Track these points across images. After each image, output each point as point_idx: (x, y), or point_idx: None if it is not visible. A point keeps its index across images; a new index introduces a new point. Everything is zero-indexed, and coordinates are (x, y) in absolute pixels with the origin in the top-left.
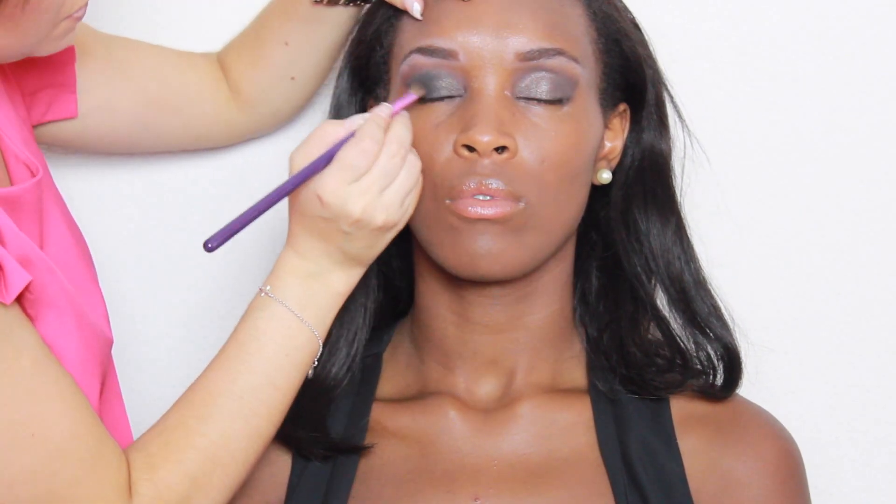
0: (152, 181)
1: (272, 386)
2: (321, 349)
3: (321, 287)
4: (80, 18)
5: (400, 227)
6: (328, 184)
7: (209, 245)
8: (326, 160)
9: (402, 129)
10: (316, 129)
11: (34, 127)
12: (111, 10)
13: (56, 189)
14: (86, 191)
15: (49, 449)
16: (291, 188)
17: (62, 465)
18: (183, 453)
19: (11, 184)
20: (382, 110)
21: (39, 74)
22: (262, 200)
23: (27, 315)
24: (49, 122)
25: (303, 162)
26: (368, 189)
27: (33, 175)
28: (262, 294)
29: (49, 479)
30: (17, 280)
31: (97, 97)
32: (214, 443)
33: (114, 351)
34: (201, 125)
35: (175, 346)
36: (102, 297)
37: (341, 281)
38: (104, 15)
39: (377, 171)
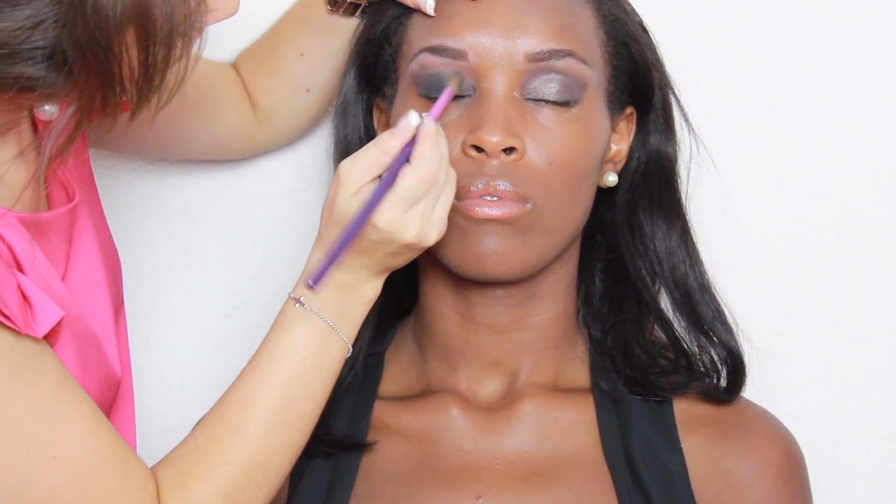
0: (170, 192)
1: (307, 398)
2: (350, 352)
3: (356, 297)
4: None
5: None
6: (386, 214)
7: (311, 284)
8: (388, 183)
9: (445, 142)
10: (374, 142)
11: None
12: None
13: (98, 205)
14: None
15: (72, 471)
16: (366, 217)
17: (86, 487)
18: (216, 470)
19: (49, 206)
20: (431, 126)
21: None
22: (344, 233)
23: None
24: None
25: (352, 171)
26: (423, 213)
27: (70, 199)
28: (296, 304)
29: (73, 501)
30: (49, 315)
31: None
32: (248, 458)
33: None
34: (225, 136)
35: (189, 354)
36: (118, 330)
37: (374, 289)
38: None
39: (432, 193)
